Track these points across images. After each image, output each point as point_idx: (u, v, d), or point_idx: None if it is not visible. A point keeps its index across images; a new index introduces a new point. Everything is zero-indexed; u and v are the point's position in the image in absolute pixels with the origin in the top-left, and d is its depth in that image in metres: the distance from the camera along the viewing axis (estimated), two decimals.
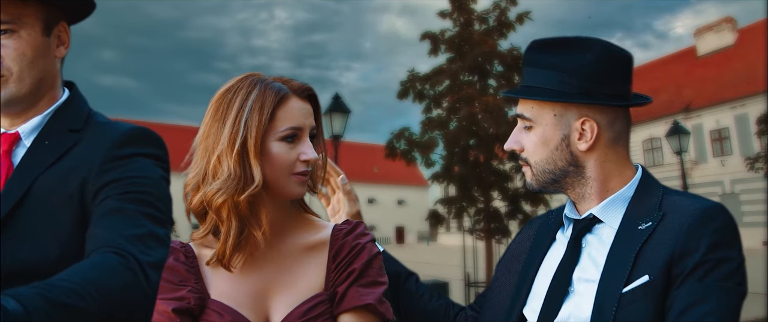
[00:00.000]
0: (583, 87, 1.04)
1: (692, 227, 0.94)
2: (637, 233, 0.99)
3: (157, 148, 0.99)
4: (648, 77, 31.08)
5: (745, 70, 26.90)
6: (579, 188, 1.09)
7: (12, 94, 0.94)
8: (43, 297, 0.62)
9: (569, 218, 1.13)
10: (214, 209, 1.00)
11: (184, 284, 1.03)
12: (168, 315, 0.99)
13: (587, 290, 0.99)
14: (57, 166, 0.92)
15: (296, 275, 1.06)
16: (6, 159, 0.94)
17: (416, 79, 10.45)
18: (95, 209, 0.87)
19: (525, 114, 1.09)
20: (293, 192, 1.05)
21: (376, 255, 1.08)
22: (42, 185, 0.90)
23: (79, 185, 0.90)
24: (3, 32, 0.92)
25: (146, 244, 0.82)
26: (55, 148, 0.94)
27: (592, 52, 1.05)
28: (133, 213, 0.85)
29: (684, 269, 0.92)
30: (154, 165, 0.96)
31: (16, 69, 0.93)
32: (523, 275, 1.14)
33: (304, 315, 1.01)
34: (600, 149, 1.07)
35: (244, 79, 1.05)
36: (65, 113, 1.00)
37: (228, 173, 0.98)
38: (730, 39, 30.75)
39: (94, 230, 0.84)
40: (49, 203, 0.88)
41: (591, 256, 1.04)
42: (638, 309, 0.92)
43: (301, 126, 1.04)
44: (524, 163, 1.12)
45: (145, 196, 0.89)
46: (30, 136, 0.96)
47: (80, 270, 0.71)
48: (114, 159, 0.92)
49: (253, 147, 0.99)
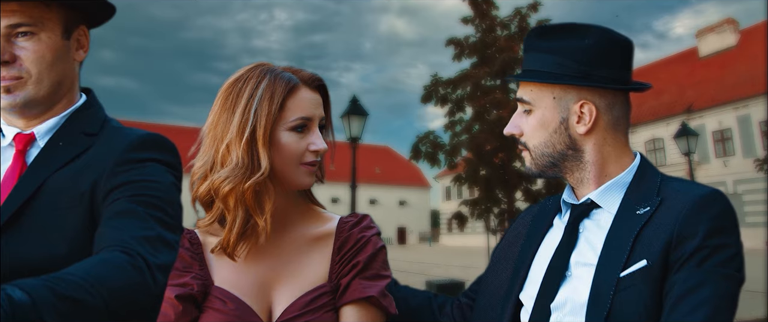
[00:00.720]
0: (582, 70, 1.04)
1: (691, 212, 0.94)
2: (635, 218, 0.99)
3: (170, 155, 0.99)
4: (650, 78, 30.87)
5: (748, 72, 26.83)
6: (577, 173, 1.09)
7: (30, 96, 0.95)
8: (50, 289, 0.62)
9: (567, 203, 1.13)
10: (222, 197, 1.00)
11: (188, 270, 1.03)
12: (171, 302, 0.99)
13: (584, 274, 0.99)
14: (70, 166, 0.93)
15: (300, 266, 1.06)
16: (20, 158, 0.95)
17: (439, 83, 10.87)
18: (105, 209, 0.88)
19: (524, 97, 1.09)
20: (302, 182, 1.05)
21: (380, 249, 1.08)
22: (53, 184, 0.90)
23: (90, 186, 0.90)
24: (23, 34, 0.93)
25: (155, 246, 0.82)
26: (69, 150, 0.95)
27: (590, 37, 1.05)
28: (143, 215, 0.86)
29: (682, 255, 0.92)
30: (167, 171, 0.96)
31: (34, 71, 0.94)
32: (520, 261, 1.14)
33: (307, 306, 1.01)
34: (598, 133, 1.07)
35: (253, 69, 1.05)
36: (81, 117, 1.01)
37: (236, 162, 0.99)
38: (732, 40, 30.70)
39: (104, 230, 0.84)
40: (59, 202, 0.89)
41: (588, 240, 1.04)
42: (635, 293, 0.92)
43: (311, 116, 1.04)
44: (523, 147, 1.12)
45: (156, 200, 0.89)
46: (45, 137, 0.97)
47: (88, 266, 0.72)
48: (127, 162, 0.92)
49: (262, 136, 0.99)
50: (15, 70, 0.92)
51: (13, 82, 0.93)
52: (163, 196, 0.91)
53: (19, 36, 0.92)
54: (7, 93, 0.93)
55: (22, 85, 0.93)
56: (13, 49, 0.92)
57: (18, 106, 0.94)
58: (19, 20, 0.91)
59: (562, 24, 1.10)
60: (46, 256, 0.86)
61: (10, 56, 0.91)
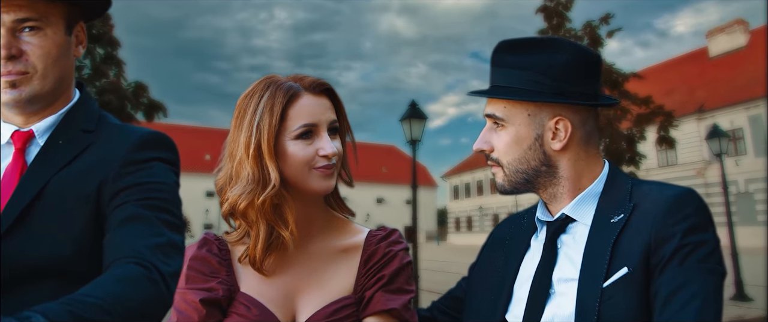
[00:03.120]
0: (557, 86, 1.04)
1: (666, 214, 0.94)
2: (610, 226, 0.99)
3: (172, 153, 1.00)
4: (660, 78, 30.75)
5: (758, 72, 26.59)
6: (551, 188, 1.09)
7: (35, 92, 0.94)
8: (71, 313, 0.63)
9: (542, 221, 1.12)
10: (240, 213, 1.02)
11: (215, 275, 1.04)
12: (195, 306, 1.00)
13: (568, 290, 0.99)
14: (73, 165, 0.93)
15: (326, 276, 1.06)
16: (20, 157, 0.94)
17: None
18: (112, 213, 0.88)
19: (496, 114, 1.08)
20: (318, 186, 1.05)
21: (407, 264, 1.08)
22: (57, 184, 0.90)
23: (96, 186, 0.91)
24: (29, 29, 0.92)
25: (167, 253, 0.83)
26: (70, 148, 0.95)
27: (563, 53, 1.05)
28: (153, 220, 0.86)
29: (663, 257, 0.92)
30: (170, 170, 0.97)
31: (40, 67, 0.94)
32: (501, 283, 1.13)
33: (330, 316, 1.02)
34: (573, 149, 1.07)
35: (259, 83, 1.06)
36: (78, 113, 1.01)
37: (247, 177, 1.00)
38: (742, 40, 30.46)
39: (115, 238, 0.84)
40: (64, 202, 0.89)
41: (568, 255, 1.03)
42: (621, 302, 0.92)
43: (316, 122, 1.03)
44: (495, 163, 1.10)
45: (162, 202, 0.90)
46: (44, 135, 0.97)
47: (105, 284, 0.73)
48: (133, 163, 0.93)
49: (267, 149, 1.00)
50: (21, 65, 0.92)
51: (18, 77, 0.92)
52: (169, 197, 0.92)
53: (25, 31, 0.92)
54: (13, 88, 0.92)
55: (27, 81, 0.93)
56: (20, 44, 0.91)
57: (22, 102, 0.94)
58: (26, 15, 0.91)
59: (530, 38, 1.09)
60: (52, 255, 0.86)
61: (17, 51, 0.91)
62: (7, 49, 0.90)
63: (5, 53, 0.90)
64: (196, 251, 1.07)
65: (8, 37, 0.90)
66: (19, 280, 0.83)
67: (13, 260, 0.83)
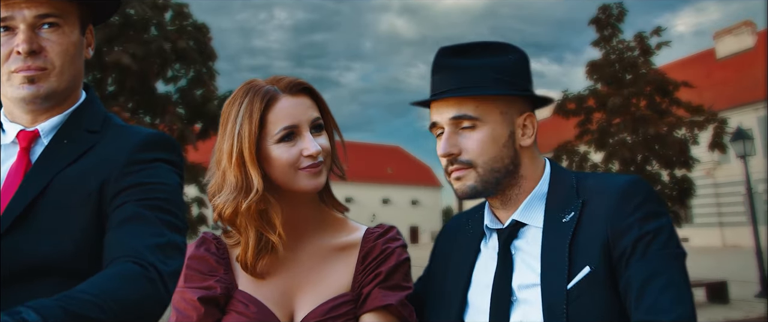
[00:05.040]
0: (520, 84, 1.05)
1: (618, 206, 0.95)
2: (563, 227, 0.99)
3: (176, 154, 1.00)
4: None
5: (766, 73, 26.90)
6: (509, 190, 1.07)
7: (52, 89, 0.94)
8: (63, 309, 0.64)
9: (492, 229, 1.10)
10: (227, 220, 1.03)
11: (213, 274, 1.05)
12: (193, 304, 1.01)
13: (531, 296, 0.98)
14: (76, 165, 0.93)
15: (324, 274, 1.07)
16: (25, 156, 0.95)
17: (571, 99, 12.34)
18: (113, 212, 0.88)
19: (469, 114, 1.03)
20: (306, 186, 1.05)
21: (404, 260, 1.09)
22: (60, 183, 0.91)
23: (99, 185, 0.91)
24: (49, 25, 0.92)
25: (166, 253, 0.83)
26: (74, 148, 0.95)
27: (511, 53, 1.07)
28: (153, 220, 0.86)
29: (624, 250, 0.92)
30: (173, 171, 0.97)
31: (58, 64, 0.94)
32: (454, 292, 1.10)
33: (328, 313, 1.03)
34: (531, 146, 1.08)
35: (240, 89, 1.06)
36: (83, 114, 1.01)
37: (232, 184, 1.02)
38: (750, 42, 30.61)
39: (114, 237, 0.85)
40: (67, 201, 0.89)
41: (525, 261, 1.02)
42: (588, 301, 0.92)
43: (296, 123, 1.03)
44: (464, 166, 1.05)
45: (164, 203, 0.90)
46: (49, 134, 0.97)
47: (101, 281, 0.73)
48: (136, 163, 0.93)
49: (249, 156, 1.00)
50: (40, 61, 0.92)
51: (38, 72, 0.92)
52: (171, 198, 0.92)
53: (45, 27, 0.92)
54: (31, 83, 0.92)
55: (46, 77, 0.93)
56: (40, 40, 0.92)
57: (40, 98, 0.94)
58: (47, 11, 0.91)
59: (474, 42, 1.08)
60: (54, 253, 0.86)
61: (37, 46, 0.91)
62: (29, 44, 0.90)
63: (26, 48, 0.90)
64: (195, 250, 1.08)
65: (29, 33, 0.91)
66: (20, 277, 0.83)
67: (15, 257, 0.83)
